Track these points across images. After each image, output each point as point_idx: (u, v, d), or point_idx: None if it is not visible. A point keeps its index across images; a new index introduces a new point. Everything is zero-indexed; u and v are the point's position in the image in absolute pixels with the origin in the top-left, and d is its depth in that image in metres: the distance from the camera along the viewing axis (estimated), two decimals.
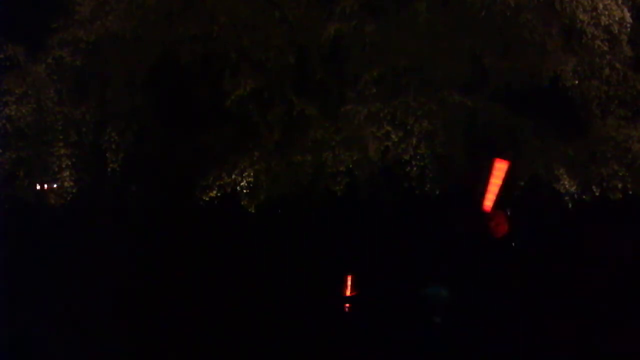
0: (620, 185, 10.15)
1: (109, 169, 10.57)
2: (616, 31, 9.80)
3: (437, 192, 10.18)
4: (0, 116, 10.14)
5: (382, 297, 10.67)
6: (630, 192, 10.19)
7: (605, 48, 9.90)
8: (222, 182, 10.59)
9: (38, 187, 11.03)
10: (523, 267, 11.12)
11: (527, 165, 10.47)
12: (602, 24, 9.70)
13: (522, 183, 10.54)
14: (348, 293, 11.26)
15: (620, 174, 10.13)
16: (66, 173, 10.41)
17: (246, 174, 10.48)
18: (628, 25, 9.85)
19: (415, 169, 9.99)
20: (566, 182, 10.25)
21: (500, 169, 10.25)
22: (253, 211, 10.66)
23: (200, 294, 10.78)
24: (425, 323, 10.01)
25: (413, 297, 10.42)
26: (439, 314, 10.06)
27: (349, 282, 11.29)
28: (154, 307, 10.40)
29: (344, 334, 9.95)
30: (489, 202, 10.45)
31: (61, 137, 10.47)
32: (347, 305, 11.27)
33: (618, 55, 10.11)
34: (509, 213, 11.26)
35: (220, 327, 9.95)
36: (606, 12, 9.67)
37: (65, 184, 10.44)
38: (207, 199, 10.65)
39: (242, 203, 10.67)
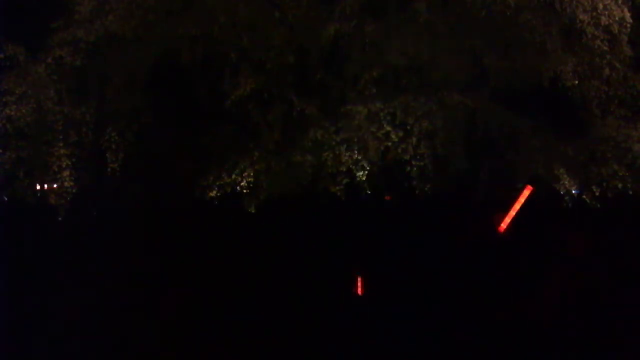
0: (620, 185, 10.15)
1: (109, 169, 10.56)
2: (616, 31, 9.79)
3: (437, 192, 10.18)
4: (0, 116, 10.11)
5: (382, 297, 10.68)
6: (631, 192, 10.19)
7: (605, 48, 9.89)
8: (222, 182, 10.59)
9: (38, 187, 11.01)
10: (523, 266, 11.15)
11: (527, 165, 10.47)
12: (602, 24, 9.69)
13: (521, 184, 10.56)
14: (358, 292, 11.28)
15: (620, 174, 10.13)
16: (66, 173, 10.38)
17: (246, 174, 10.48)
18: (628, 25, 9.83)
19: (415, 169, 10.00)
20: (566, 182, 10.26)
21: (525, 195, 10.35)
22: (253, 211, 10.66)
23: (201, 294, 10.78)
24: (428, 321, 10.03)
25: (413, 296, 10.44)
26: None
27: (358, 282, 11.31)
28: (155, 307, 10.42)
29: (343, 334, 9.95)
30: (504, 224, 10.56)
31: (61, 137, 10.42)
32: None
33: (618, 55, 10.09)
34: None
35: (220, 327, 9.97)
36: (606, 12, 9.65)
37: (65, 184, 10.41)
38: (207, 199, 10.65)
39: (242, 203, 10.67)
